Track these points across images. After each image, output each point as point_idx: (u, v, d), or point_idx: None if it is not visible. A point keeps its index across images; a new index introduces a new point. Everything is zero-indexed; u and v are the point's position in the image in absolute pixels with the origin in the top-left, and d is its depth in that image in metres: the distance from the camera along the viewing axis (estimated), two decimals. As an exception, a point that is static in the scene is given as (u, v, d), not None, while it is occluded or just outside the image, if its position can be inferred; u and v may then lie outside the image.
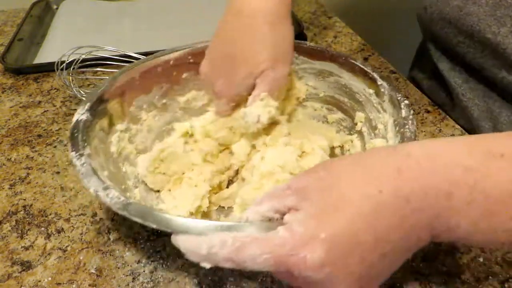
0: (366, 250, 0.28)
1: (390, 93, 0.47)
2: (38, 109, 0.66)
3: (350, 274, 0.28)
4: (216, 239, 0.29)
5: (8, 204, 0.50)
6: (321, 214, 0.28)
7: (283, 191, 0.31)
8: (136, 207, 0.34)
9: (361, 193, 0.29)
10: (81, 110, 0.44)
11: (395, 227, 0.28)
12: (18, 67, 0.76)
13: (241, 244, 0.28)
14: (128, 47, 0.71)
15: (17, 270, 0.42)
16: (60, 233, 0.46)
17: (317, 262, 0.27)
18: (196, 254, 0.30)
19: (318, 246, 0.27)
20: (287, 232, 0.28)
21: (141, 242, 0.45)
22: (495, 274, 0.41)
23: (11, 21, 0.98)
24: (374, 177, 0.29)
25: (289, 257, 0.27)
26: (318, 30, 0.89)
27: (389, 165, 0.29)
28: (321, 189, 0.29)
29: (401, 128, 0.43)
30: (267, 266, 0.28)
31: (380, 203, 0.28)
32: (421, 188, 0.28)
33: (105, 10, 0.98)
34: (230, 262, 0.29)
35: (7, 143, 0.60)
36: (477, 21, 0.52)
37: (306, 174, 0.32)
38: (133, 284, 0.41)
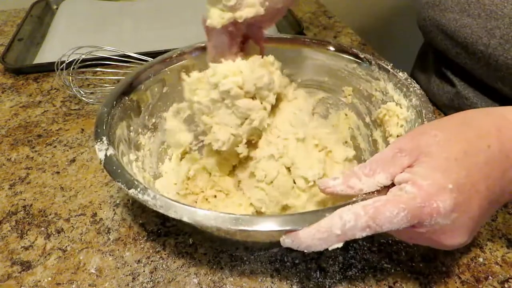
0: (482, 198, 0.31)
1: (378, 62, 0.50)
2: (38, 109, 0.66)
3: (470, 218, 0.31)
4: (347, 214, 0.31)
5: (8, 204, 0.50)
6: (443, 166, 0.31)
7: (395, 155, 0.33)
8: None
9: (474, 146, 0.32)
10: (102, 146, 0.41)
11: (499, 179, 0.32)
12: (18, 67, 0.76)
13: (375, 209, 0.30)
14: (128, 47, 0.71)
15: (17, 270, 0.42)
16: (60, 233, 0.46)
17: (448, 209, 0.30)
18: (327, 239, 0.31)
19: (447, 196, 0.30)
20: (414, 187, 0.30)
21: (141, 242, 0.45)
22: (495, 274, 0.41)
23: (11, 21, 0.98)
24: (481, 134, 0.32)
25: (423, 208, 0.30)
26: (318, 30, 0.89)
27: (490, 125, 0.33)
28: (438, 144, 0.32)
29: (408, 87, 0.46)
30: (404, 222, 0.30)
31: (490, 157, 0.32)
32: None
33: (105, 10, 0.98)
34: (368, 230, 0.30)
35: (7, 143, 0.60)
36: (470, 33, 0.53)
37: (415, 135, 0.33)
38: (133, 284, 0.41)
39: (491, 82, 0.55)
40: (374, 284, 0.40)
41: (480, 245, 0.43)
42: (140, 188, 0.36)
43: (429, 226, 0.31)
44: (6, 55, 0.77)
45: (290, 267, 0.41)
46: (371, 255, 0.42)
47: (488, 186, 0.31)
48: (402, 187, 0.31)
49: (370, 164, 0.33)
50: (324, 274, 0.41)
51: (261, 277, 0.41)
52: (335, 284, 0.40)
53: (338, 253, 0.42)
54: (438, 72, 0.67)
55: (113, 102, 0.46)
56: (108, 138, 0.42)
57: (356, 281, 0.40)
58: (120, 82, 0.49)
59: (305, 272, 0.41)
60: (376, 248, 0.43)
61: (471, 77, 0.59)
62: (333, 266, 0.41)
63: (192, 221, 0.33)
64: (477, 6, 0.52)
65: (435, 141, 0.32)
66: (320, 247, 0.31)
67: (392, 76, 0.48)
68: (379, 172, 0.33)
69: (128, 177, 0.37)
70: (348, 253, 0.43)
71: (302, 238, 0.32)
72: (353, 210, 0.31)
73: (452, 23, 0.55)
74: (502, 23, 0.49)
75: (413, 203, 0.30)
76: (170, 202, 0.34)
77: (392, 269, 0.41)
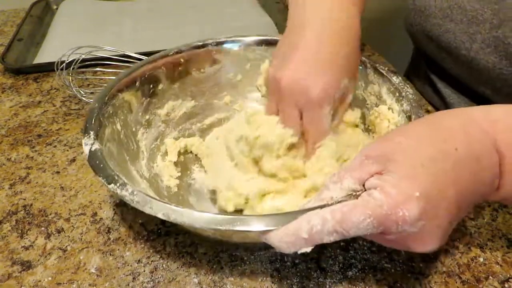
0: (450, 203, 0.31)
1: (374, 65, 0.50)
2: (38, 109, 0.66)
3: (438, 226, 0.31)
4: (314, 218, 0.30)
5: (8, 204, 0.50)
6: (410, 174, 0.30)
7: (362, 162, 0.32)
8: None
9: (441, 150, 0.31)
10: (88, 140, 0.42)
11: (469, 182, 0.31)
12: (18, 67, 0.76)
13: (342, 214, 0.30)
14: (128, 47, 0.71)
15: (17, 270, 0.42)
16: (60, 233, 0.46)
17: (414, 218, 0.29)
18: (294, 242, 0.31)
19: (414, 204, 0.29)
20: (382, 194, 0.30)
21: (141, 242, 0.45)
22: (495, 274, 0.41)
23: (11, 21, 0.98)
24: (448, 136, 0.32)
25: (389, 216, 0.29)
26: (318, 30, 0.89)
27: (457, 127, 0.33)
28: (403, 151, 0.31)
29: (401, 92, 0.46)
30: (370, 228, 0.30)
31: (457, 160, 0.31)
32: (485, 149, 0.32)
33: (105, 10, 0.98)
34: (335, 235, 0.30)
35: (7, 143, 0.60)
36: (453, 38, 0.54)
37: (381, 142, 0.33)
38: (133, 284, 0.41)
39: (475, 86, 0.55)
40: (374, 284, 0.40)
41: (480, 245, 0.43)
42: (119, 183, 0.36)
43: (397, 233, 0.30)
44: (6, 55, 0.77)
45: (290, 267, 0.41)
46: (371, 255, 0.42)
47: (457, 190, 0.31)
48: (371, 192, 0.31)
49: (339, 172, 0.33)
50: (324, 274, 0.41)
51: (261, 277, 0.41)
52: (335, 284, 0.40)
53: (338, 253, 0.42)
54: (428, 77, 0.67)
55: (105, 98, 0.47)
56: (96, 133, 0.42)
57: (356, 281, 0.40)
58: (115, 78, 0.50)
59: (305, 272, 0.41)
60: (376, 248, 0.43)
61: (456, 86, 0.59)
62: (333, 266, 0.41)
63: (166, 218, 0.33)
64: (459, 11, 0.52)
65: (400, 148, 0.32)
66: (288, 250, 0.31)
67: (386, 80, 0.48)
68: (347, 177, 0.32)
69: (109, 172, 0.38)
70: (348, 253, 0.43)
71: (273, 238, 0.32)
72: (321, 214, 0.31)
73: (436, 28, 0.56)
74: (483, 28, 0.50)
75: (379, 210, 0.29)
76: (147, 198, 0.35)
77: (392, 269, 0.41)
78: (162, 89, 0.54)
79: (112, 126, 0.46)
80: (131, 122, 0.50)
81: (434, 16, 0.56)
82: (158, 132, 0.54)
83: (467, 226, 0.45)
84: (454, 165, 0.31)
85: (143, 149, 0.51)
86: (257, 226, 0.32)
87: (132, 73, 0.51)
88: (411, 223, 0.30)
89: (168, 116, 0.55)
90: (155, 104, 0.54)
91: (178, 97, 0.56)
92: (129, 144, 0.49)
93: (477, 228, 0.45)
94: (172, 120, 0.56)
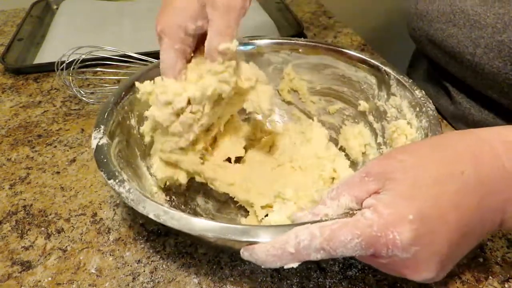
0: (450, 230, 0.29)
1: (397, 77, 0.49)
2: (38, 109, 0.66)
3: (435, 253, 0.29)
4: (303, 233, 0.29)
5: (8, 204, 0.50)
6: (407, 193, 0.28)
7: (361, 179, 0.31)
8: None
9: (445, 172, 0.29)
10: (97, 134, 0.42)
11: (474, 208, 0.29)
12: (18, 67, 0.76)
13: (331, 232, 0.29)
14: (128, 47, 0.71)
15: (17, 270, 0.42)
16: (60, 233, 0.46)
17: (405, 242, 0.27)
18: (280, 256, 0.30)
19: (406, 227, 0.27)
20: (374, 214, 0.28)
21: (141, 242, 0.45)
22: (495, 274, 0.41)
23: (11, 21, 0.98)
24: (454, 158, 0.30)
25: (378, 238, 0.28)
26: (318, 30, 0.89)
27: (465, 149, 0.31)
28: (404, 170, 0.30)
29: (422, 107, 0.44)
30: (358, 250, 0.28)
31: (463, 184, 0.29)
32: (495, 172, 0.30)
33: (105, 10, 0.98)
34: (322, 252, 0.29)
35: (7, 143, 0.60)
36: (457, 43, 0.53)
37: (383, 159, 0.32)
38: (133, 284, 0.41)
39: (482, 89, 0.55)
40: (374, 284, 0.40)
41: (480, 245, 0.43)
42: (118, 180, 0.36)
43: (388, 258, 0.29)
44: (6, 55, 0.77)
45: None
46: (371, 255, 0.42)
47: (460, 216, 0.29)
48: (364, 212, 0.29)
49: (337, 188, 0.32)
50: (324, 274, 0.41)
51: (261, 277, 0.41)
52: (335, 284, 0.40)
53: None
54: (428, 77, 0.67)
55: (122, 93, 0.47)
56: (106, 128, 0.42)
57: (356, 281, 0.40)
58: (133, 75, 0.50)
59: (305, 272, 0.41)
60: (376, 248, 0.43)
61: (462, 88, 0.59)
62: (333, 266, 0.41)
63: (157, 219, 0.33)
64: (462, 16, 0.52)
65: (401, 166, 0.30)
66: (275, 264, 0.30)
67: (409, 93, 0.47)
68: (344, 194, 0.31)
69: (111, 168, 0.38)
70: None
71: (258, 252, 0.31)
72: (310, 229, 0.29)
73: (439, 33, 0.56)
74: (486, 32, 0.50)
75: (369, 231, 0.28)
76: (141, 197, 0.35)
77: (392, 269, 0.41)
78: None
79: (126, 121, 0.47)
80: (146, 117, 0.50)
81: (437, 21, 0.56)
82: None
83: (467, 226, 0.45)
84: (459, 189, 0.29)
85: None
86: (246, 237, 0.31)
87: (153, 69, 0.51)
88: (402, 247, 0.28)
89: None
90: None
91: None
92: (142, 139, 0.49)
93: (477, 228, 0.45)
94: None
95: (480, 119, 0.57)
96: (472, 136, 0.32)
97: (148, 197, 0.35)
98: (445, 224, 0.28)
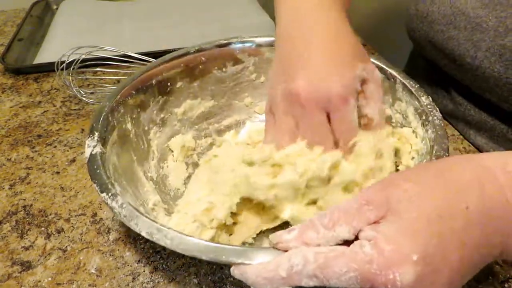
0: (453, 270, 0.27)
1: (403, 81, 0.47)
2: (38, 109, 0.66)
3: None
4: (296, 257, 0.28)
5: (8, 204, 0.50)
6: (411, 229, 0.27)
7: (361, 207, 0.29)
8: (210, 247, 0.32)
9: (450, 206, 0.28)
10: (91, 142, 0.41)
11: (476, 246, 0.28)
12: (18, 67, 0.76)
13: (326, 260, 0.27)
14: (128, 47, 0.71)
15: (17, 270, 0.42)
16: (60, 233, 0.46)
17: (406, 284, 0.26)
18: (271, 280, 0.28)
19: (409, 268, 0.26)
20: (374, 250, 0.26)
21: (141, 242, 0.45)
22: (495, 274, 0.41)
23: (11, 21, 0.98)
24: (460, 190, 0.29)
25: (376, 276, 0.26)
26: (318, 30, 0.89)
27: (470, 179, 0.29)
28: (409, 201, 0.28)
29: (428, 116, 0.43)
30: (353, 283, 0.27)
31: (467, 221, 0.28)
32: (499, 207, 0.28)
33: (105, 10, 0.98)
34: (314, 279, 0.27)
35: (7, 143, 0.60)
36: (457, 46, 0.53)
37: (386, 186, 0.29)
38: (133, 284, 0.41)
39: (481, 92, 0.54)
40: (374, 284, 0.40)
41: (480, 245, 0.43)
42: (111, 194, 0.35)
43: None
44: (6, 55, 0.77)
45: (290, 267, 0.41)
46: (371, 255, 0.42)
47: (463, 255, 0.27)
48: (363, 244, 0.27)
49: (331, 213, 0.29)
50: (324, 274, 0.41)
51: (261, 277, 0.41)
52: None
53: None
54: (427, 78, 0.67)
55: (117, 96, 0.46)
56: (100, 135, 0.41)
57: (356, 281, 0.40)
58: (130, 76, 0.49)
59: (305, 272, 0.41)
60: (376, 248, 0.43)
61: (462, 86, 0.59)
62: (333, 266, 0.41)
63: (150, 238, 0.32)
64: (463, 18, 0.51)
65: (405, 197, 0.28)
66: (265, 287, 0.29)
67: (415, 99, 0.45)
68: (341, 224, 0.28)
69: (104, 180, 0.37)
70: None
71: (249, 273, 0.29)
72: (304, 254, 0.28)
73: (439, 35, 0.55)
74: (487, 35, 0.49)
75: (367, 267, 0.26)
76: (134, 213, 0.34)
77: (392, 269, 0.41)
78: (180, 87, 0.53)
79: (122, 125, 0.46)
80: (144, 120, 0.49)
81: (437, 23, 0.55)
82: (172, 131, 0.53)
83: (467, 226, 0.45)
84: (464, 227, 0.27)
85: (154, 148, 0.50)
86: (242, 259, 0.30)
87: (149, 71, 0.50)
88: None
89: (185, 115, 0.54)
90: (172, 103, 0.53)
91: (197, 96, 0.55)
92: (139, 143, 0.48)
93: (477, 228, 0.45)
94: (189, 119, 0.55)
95: (480, 119, 0.57)
96: (476, 164, 0.30)
97: (141, 213, 0.34)
98: (448, 264, 0.27)
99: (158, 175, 0.49)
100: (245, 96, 0.58)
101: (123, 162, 0.44)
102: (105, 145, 0.41)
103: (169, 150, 0.52)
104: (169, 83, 0.52)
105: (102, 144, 0.41)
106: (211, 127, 0.57)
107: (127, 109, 0.47)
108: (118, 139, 0.44)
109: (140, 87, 0.49)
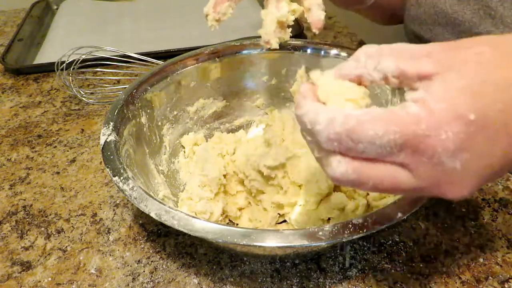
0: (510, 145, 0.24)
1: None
2: (38, 109, 0.66)
3: (486, 167, 0.24)
4: (323, 115, 0.24)
5: (8, 204, 0.50)
6: (474, 88, 0.23)
7: (420, 54, 0.24)
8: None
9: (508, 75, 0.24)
10: (106, 131, 0.42)
11: None
12: (18, 67, 0.76)
13: (357, 122, 0.23)
14: (128, 47, 0.71)
15: (17, 270, 0.42)
16: (60, 233, 0.46)
17: (459, 146, 0.22)
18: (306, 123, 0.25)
19: (463, 128, 0.22)
20: (422, 108, 0.23)
21: (141, 242, 0.45)
22: (495, 274, 0.41)
23: (11, 21, 0.98)
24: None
25: (425, 138, 0.22)
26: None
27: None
28: (479, 63, 0.24)
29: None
30: (387, 148, 0.23)
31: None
32: None
33: (105, 10, 0.98)
34: (337, 143, 0.24)
35: (7, 143, 0.60)
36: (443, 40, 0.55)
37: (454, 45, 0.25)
38: (133, 284, 0.41)
39: None
40: (374, 284, 0.40)
41: (480, 245, 0.43)
42: (123, 177, 0.37)
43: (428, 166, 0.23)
44: (6, 55, 0.77)
45: (290, 267, 0.41)
46: (371, 255, 0.42)
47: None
48: (407, 105, 0.23)
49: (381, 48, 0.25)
50: (324, 274, 0.41)
51: (261, 277, 0.41)
52: (335, 284, 0.40)
53: (338, 253, 0.42)
54: None
55: (133, 91, 0.47)
56: (115, 125, 0.43)
57: (356, 281, 0.40)
58: (147, 73, 0.51)
59: (305, 272, 0.41)
60: (376, 248, 0.43)
61: None
62: (333, 266, 0.41)
63: (158, 219, 0.33)
64: (443, 15, 0.56)
65: (476, 59, 0.24)
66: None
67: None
68: (388, 59, 0.24)
69: (117, 165, 0.38)
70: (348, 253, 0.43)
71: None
72: (332, 114, 0.24)
73: (428, 33, 0.59)
74: (465, 27, 0.53)
75: (413, 128, 0.22)
76: (144, 195, 0.35)
77: (392, 269, 0.41)
78: (194, 86, 0.54)
79: (136, 118, 0.47)
80: (157, 116, 0.51)
81: (425, 23, 0.59)
82: (184, 129, 0.55)
83: (467, 226, 0.45)
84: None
85: (166, 143, 0.52)
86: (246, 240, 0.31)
87: (165, 69, 0.52)
88: (453, 153, 0.22)
89: (197, 114, 0.56)
90: (185, 101, 0.54)
91: (209, 96, 0.56)
92: (152, 137, 0.50)
93: (477, 228, 0.45)
94: (201, 118, 0.56)
95: None
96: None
97: (151, 196, 0.35)
98: (508, 136, 0.23)
99: (169, 169, 0.50)
100: (257, 97, 0.59)
101: (136, 153, 0.45)
102: (119, 135, 0.43)
103: (181, 147, 0.54)
104: (183, 82, 0.53)
105: (116, 134, 0.42)
106: (222, 127, 0.58)
107: (142, 103, 0.48)
108: (132, 131, 0.46)
109: (156, 84, 0.51)
